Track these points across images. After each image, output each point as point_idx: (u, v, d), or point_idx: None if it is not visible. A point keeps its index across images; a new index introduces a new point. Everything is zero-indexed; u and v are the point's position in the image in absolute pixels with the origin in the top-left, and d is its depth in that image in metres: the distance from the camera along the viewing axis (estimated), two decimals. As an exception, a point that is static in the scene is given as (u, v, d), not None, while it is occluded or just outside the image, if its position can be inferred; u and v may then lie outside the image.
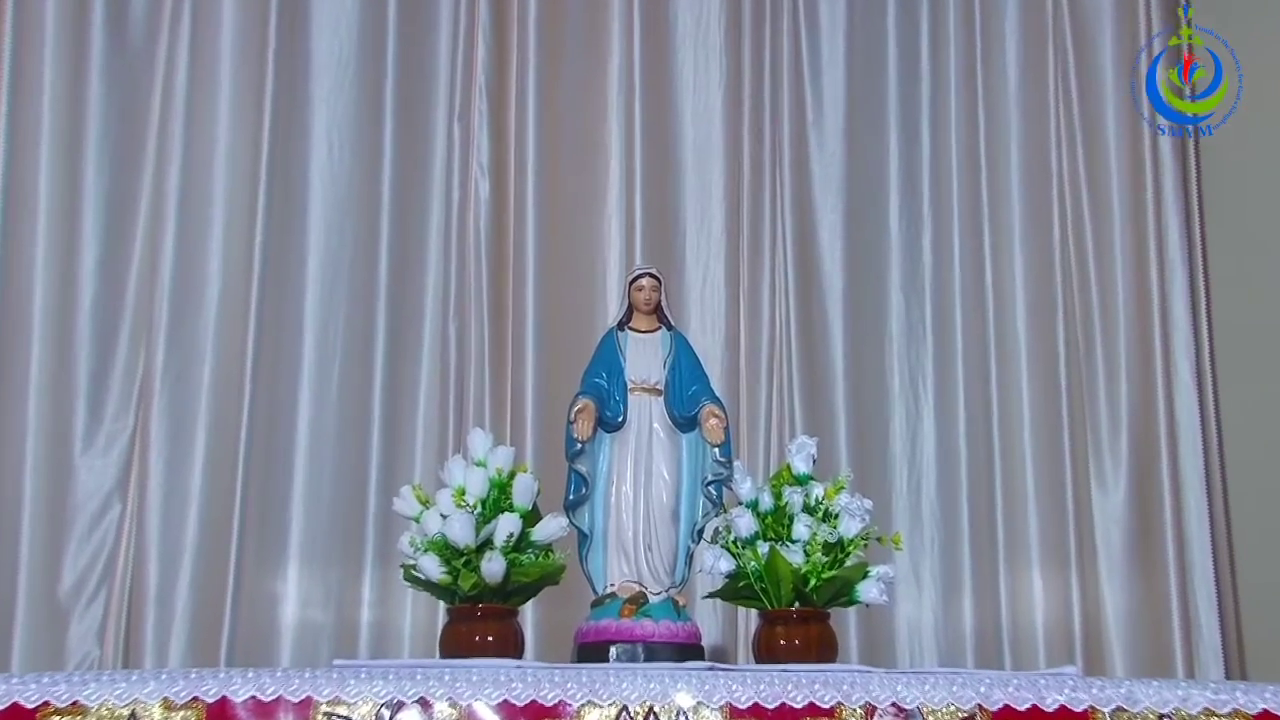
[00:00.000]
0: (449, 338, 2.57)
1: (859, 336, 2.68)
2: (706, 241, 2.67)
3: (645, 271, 1.96)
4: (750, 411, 2.60)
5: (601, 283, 2.69)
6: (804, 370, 2.63)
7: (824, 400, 2.63)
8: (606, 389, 1.87)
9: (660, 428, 1.88)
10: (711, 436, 1.86)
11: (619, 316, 1.95)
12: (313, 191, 2.60)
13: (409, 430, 2.57)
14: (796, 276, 2.66)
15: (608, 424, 1.87)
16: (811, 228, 2.70)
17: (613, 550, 1.84)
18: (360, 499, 2.50)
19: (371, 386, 2.54)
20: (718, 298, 2.65)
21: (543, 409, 2.52)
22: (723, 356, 2.61)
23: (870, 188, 2.74)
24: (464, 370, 2.55)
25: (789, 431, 2.55)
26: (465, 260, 2.60)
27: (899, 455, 2.64)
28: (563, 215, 2.69)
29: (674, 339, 1.94)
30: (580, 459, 1.84)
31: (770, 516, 1.84)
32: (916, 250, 2.72)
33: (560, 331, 2.61)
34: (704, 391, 1.90)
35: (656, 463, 1.87)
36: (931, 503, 2.64)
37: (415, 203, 2.67)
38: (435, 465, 2.24)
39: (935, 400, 2.65)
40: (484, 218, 2.62)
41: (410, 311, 2.61)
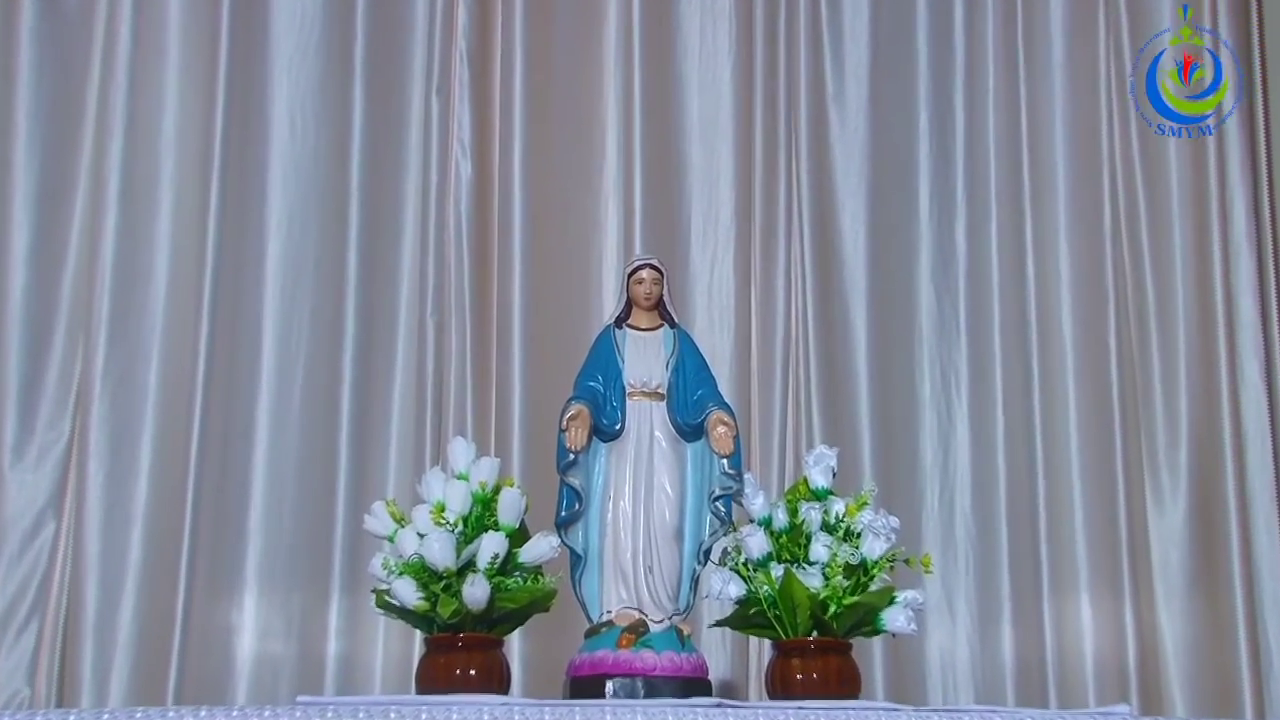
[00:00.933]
0: (426, 337, 2.59)
1: (885, 335, 2.70)
2: (714, 228, 2.71)
3: (645, 262, 1.97)
4: (763, 418, 2.62)
5: (597, 275, 2.70)
6: (823, 373, 2.66)
7: (845, 406, 2.66)
8: (602, 393, 1.89)
9: (662, 436, 1.90)
10: (719, 446, 1.87)
11: (616, 312, 1.97)
12: (272, 173, 2.61)
13: (381, 440, 2.59)
14: (815, 268, 2.69)
15: (604, 432, 1.88)
16: (832, 213, 2.72)
17: (609, 573, 1.86)
18: (326, 516, 2.53)
19: (339, 391, 2.57)
20: (727, 291, 2.68)
21: (531, 416, 2.54)
22: (732, 357, 2.65)
23: (898, 168, 2.75)
24: (443, 373, 2.58)
25: (806, 441, 2.58)
26: (444, 250, 2.62)
27: (929, 468, 2.65)
28: (554, 199, 2.72)
29: (678, 337, 1.96)
30: (573, 471, 1.85)
31: (785, 536, 1.86)
32: (949, 239, 2.74)
33: (551, 329, 2.64)
34: (711, 396, 1.91)
35: (658, 475, 1.89)
36: (966, 521, 2.66)
37: (388, 186, 2.69)
38: (411, 478, 2.27)
39: (970, 406, 2.68)
40: (465, 202, 2.64)
41: (383, 308, 2.63)
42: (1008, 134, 2.73)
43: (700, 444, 1.91)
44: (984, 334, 2.71)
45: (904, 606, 1.84)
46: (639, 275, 1.95)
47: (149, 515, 2.45)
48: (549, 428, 1.92)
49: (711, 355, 2.52)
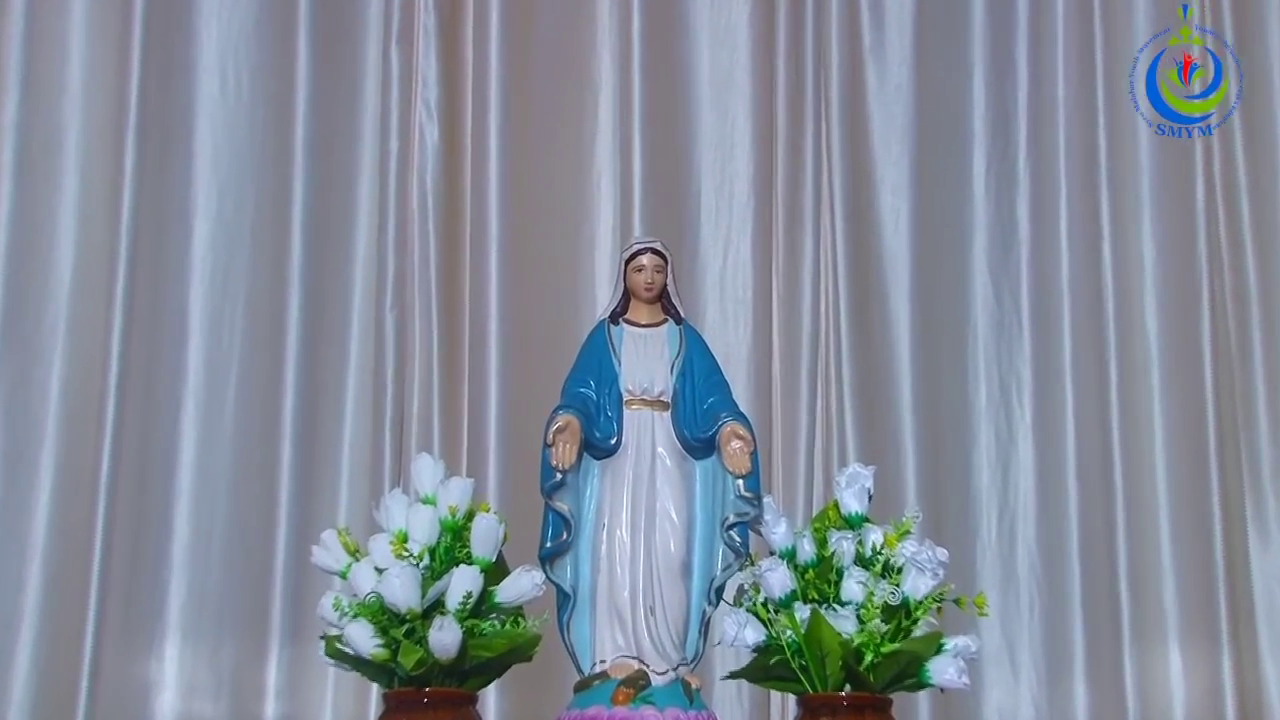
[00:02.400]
0: (385, 334, 2.64)
1: (932, 333, 2.75)
2: (728, 206, 2.76)
3: (646, 246, 1.99)
4: (787, 431, 2.68)
5: (588, 261, 2.75)
6: (858, 378, 2.70)
7: (884, 418, 2.70)
8: (595, 401, 1.91)
9: (666, 453, 1.92)
10: (734, 464, 1.89)
11: (612, 306, 1.99)
12: (199, 139, 2.66)
13: (331, 457, 2.64)
14: (848, 253, 2.73)
15: (597, 448, 1.90)
16: (869, 188, 2.77)
17: (604, 615, 1.87)
18: (265, 549, 2.57)
19: (280, 400, 2.62)
20: (743, 281, 2.74)
21: (510, 428, 2.59)
22: (749, 358, 2.70)
23: (948, 134, 2.80)
24: (405, 378, 2.63)
25: (838, 458, 2.62)
26: (406, 231, 2.67)
27: (985, 490, 2.71)
28: (537, 171, 2.75)
29: (684, 335, 1.97)
30: (560, 494, 1.86)
31: (812, 571, 1.88)
32: (1009, 218, 2.79)
33: (534, 325, 2.68)
34: (724, 405, 1.93)
35: (661, 499, 1.90)
36: (1030, 554, 2.69)
37: (339, 154, 2.73)
38: (367, 503, 2.27)
39: (1035, 418, 2.72)
40: (431, 174, 2.69)
41: (333, 300, 2.68)
42: (1080, 93, 2.77)
43: (711, 462, 1.93)
44: (1051, 331, 2.75)
45: (954, 656, 1.85)
46: (638, 261, 1.97)
47: (49, 550, 2.49)
48: (532, 442, 1.93)
49: (725, 356, 2.53)
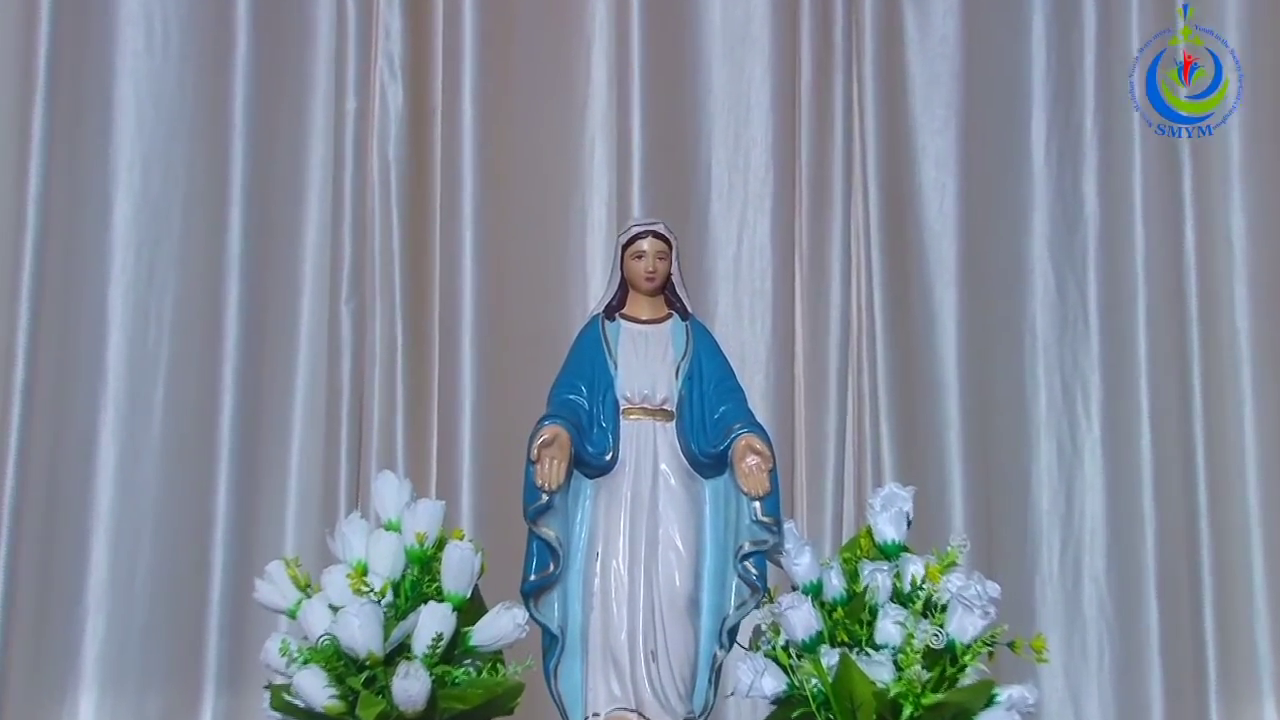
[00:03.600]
0: (340, 332, 2.66)
1: (982, 331, 2.76)
2: (743, 180, 2.78)
3: (647, 228, 1.99)
4: (812, 444, 2.70)
5: (578, 245, 2.78)
6: (896, 383, 2.71)
7: (926, 429, 2.71)
8: (587, 410, 1.92)
9: (671, 470, 1.93)
10: (750, 484, 1.89)
11: (607, 298, 2.00)
12: (120, 98, 2.69)
13: (277, 476, 2.68)
14: (884, 236, 2.74)
15: (589, 464, 1.91)
16: (908, 158, 2.79)
17: (597, 661, 1.87)
18: (198, 584, 2.59)
19: (217, 407, 2.64)
20: (761, 268, 2.76)
21: (488, 441, 2.60)
22: (768, 360, 2.72)
23: (1002, 95, 2.82)
24: (364, 383, 2.65)
25: (872, 477, 2.64)
26: (365, 210, 2.69)
27: (1045, 515, 2.73)
28: (519, 139, 2.76)
29: (691, 333, 1.99)
30: (546, 519, 1.87)
31: (842, 609, 1.88)
32: (1074, 194, 2.81)
33: (515, 322, 2.70)
34: (738, 414, 1.93)
35: (665, 524, 1.90)
36: (1099, 590, 2.71)
37: (285, 118, 2.75)
38: (319, 529, 2.28)
39: (1104, 430, 2.74)
40: (395, 143, 2.71)
41: (279, 292, 2.72)
42: (1157, 48, 2.81)
43: (723, 481, 1.94)
44: (1124, 328, 2.76)
45: (1008, 709, 1.86)
46: (638, 246, 1.98)
47: (-55, 587, 2.54)
48: (513, 458, 1.94)
49: (739, 357, 2.57)
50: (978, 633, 1.87)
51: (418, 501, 1.92)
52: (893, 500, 1.97)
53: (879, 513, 1.97)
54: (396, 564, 1.88)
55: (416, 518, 1.90)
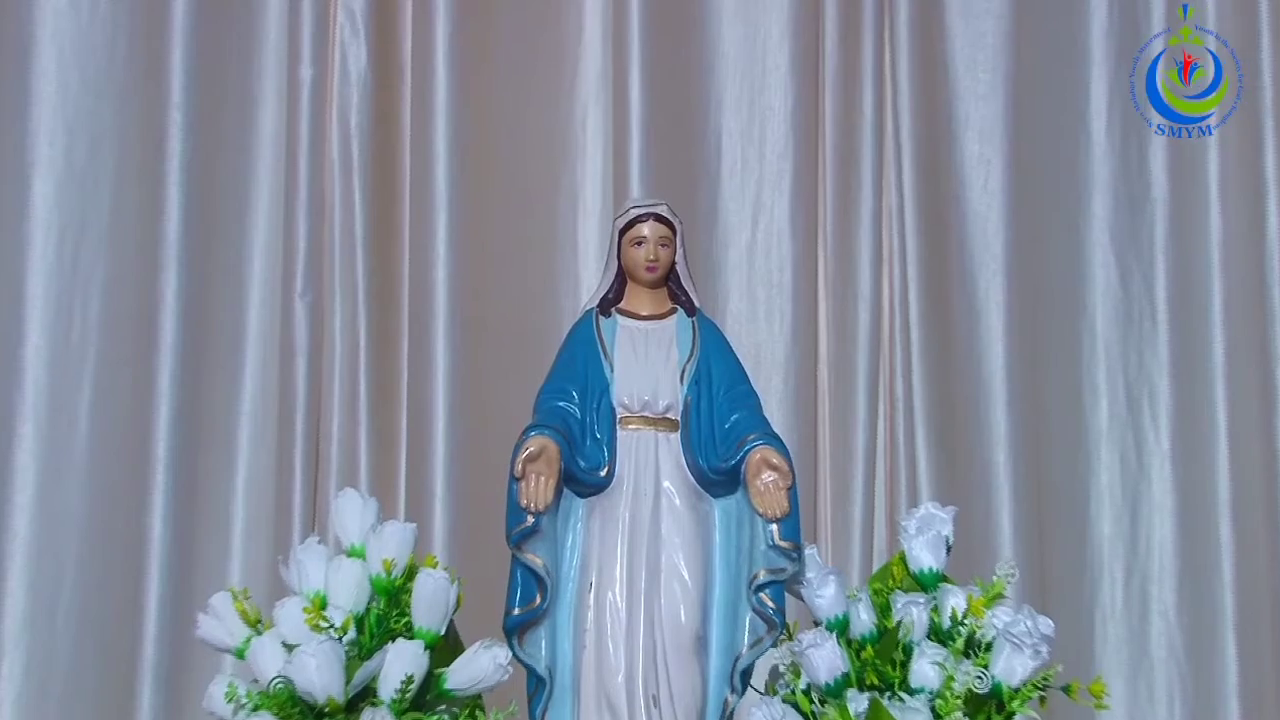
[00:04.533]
0: (295, 329, 2.66)
1: (1033, 327, 2.77)
2: (758, 154, 2.81)
3: (648, 210, 2.00)
4: (838, 458, 2.72)
5: (569, 229, 2.79)
6: (933, 387, 2.73)
7: (969, 440, 2.72)
8: (579, 419, 1.93)
9: (675, 488, 1.93)
10: (766, 504, 1.89)
11: (602, 291, 2.01)
12: (39, 61, 2.68)
13: (221, 495, 2.68)
14: (921, 218, 2.76)
15: (582, 481, 1.91)
16: (948, 129, 2.80)
17: (590, 706, 1.87)
18: (129, 619, 2.59)
19: (151, 418, 2.63)
20: (779, 257, 2.78)
21: (464, 454, 2.62)
22: (787, 362, 2.73)
23: (1055, 57, 2.83)
24: (321, 386, 2.66)
25: (906, 495, 2.66)
26: (322, 189, 2.70)
27: (1107, 540, 2.74)
28: (500, 107, 2.77)
29: (699, 330, 2.00)
30: (532, 544, 1.86)
31: (871, 647, 1.89)
32: (1140, 171, 2.81)
33: (496, 318, 2.70)
34: (753, 423, 1.94)
35: (668, 550, 1.90)
36: (1168, 626, 2.71)
37: (230, 85, 2.75)
38: (271, 556, 2.37)
39: (1175, 442, 2.75)
40: (358, 113, 2.73)
41: (223, 281, 2.72)
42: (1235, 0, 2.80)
43: (735, 501, 1.94)
44: (1197, 325, 2.77)
45: None
46: (637, 231, 1.99)
47: None
48: (494, 474, 1.94)
49: (754, 358, 2.58)
50: (1028, 675, 1.87)
51: (384, 524, 1.92)
52: (930, 523, 1.97)
53: (914, 537, 1.97)
54: (360, 596, 1.87)
55: (383, 542, 1.89)
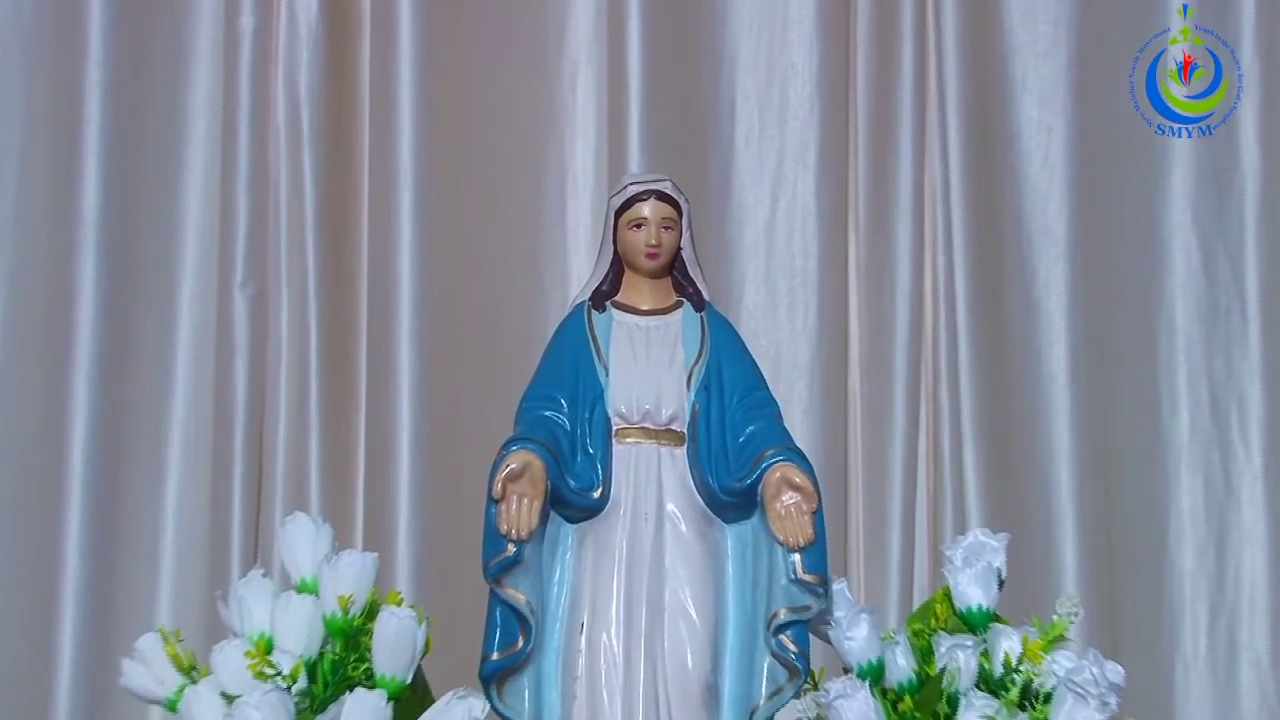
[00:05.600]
0: (234, 326, 2.69)
1: (1101, 323, 2.80)
2: (779, 120, 2.83)
3: (649, 187, 2.01)
4: (872, 477, 2.73)
5: (557, 209, 2.81)
6: (984, 393, 2.74)
7: (1025, 456, 2.74)
8: (568, 431, 1.94)
9: (681, 512, 1.94)
10: (787, 530, 1.89)
11: (596, 281, 2.02)
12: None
13: (148, 519, 2.70)
14: (970, 196, 2.78)
15: (571, 504, 1.92)
16: (1003, 91, 2.83)
17: None
18: (39, 669, 2.61)
19: (64, 430, 2.65)
20: (803, 240, 2.81)
21: (433, 473, 2.64)
22: (814, 364, 2.76)
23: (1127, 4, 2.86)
24: (264, 392, 2.68)
25: (951, 520, 2.67)
26: (266, 162, 2.73)
27: (1188, 575, 2.76)
28: (476, 65, 2.78)
29: (708, 328, 2.01)
30: (514, 577, 1.87)
31: (910, 697, 1.90)
32: (1228, 140, 2.85)
33: (470, 312, 2.72)
34: (771, 436, 1.95)
35: (673, 584, 1.91)
36: (1260, 675, 2.74)
37: (158, 41, 2.76)
38: (206, 591, 2.39)
39: (1269, 459, 2.78)
40: (308, 70, 2.75)
41: (149, 270, 2.74)
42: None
43: (751, 526, 1.95)
44: (1299, 325, 2.77)
45: None
46: (637, 212, 2.00)
47: None
48: (470, 495, 1.98)
49: (773, 360, 2.59)
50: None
51: (340, 554, 1.92)
52: (979, 552, 1.99)
53: (961, 569, 1.98)
54: (312, 638, 1.88)
55: (339, 575, 1.90)
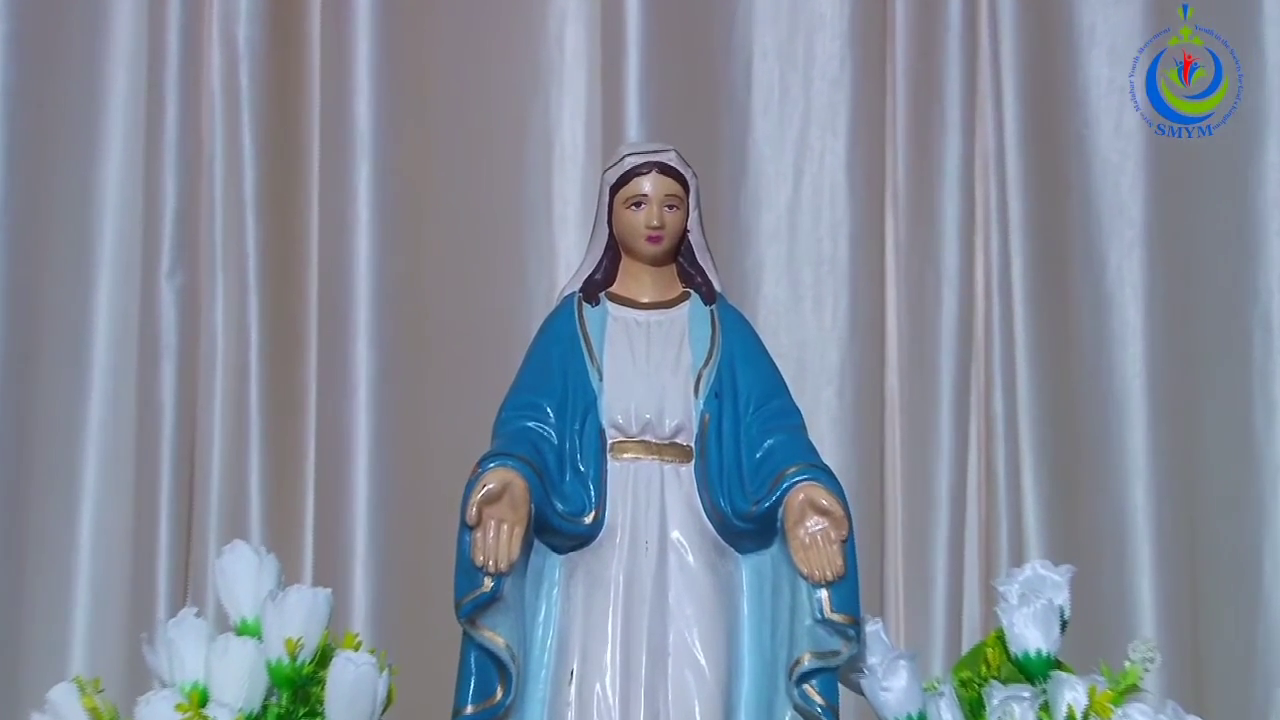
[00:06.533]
0: (159, 322, 2.73)
1: (1184, 320, 2.83)
2: (803, 78, 2.85)
3: (650, 159, 2.01)
4: (913, 500, 2.77)
5: (542, 185, 2.84)
6: (1045, 400, 2.78)
7: (1096, 473, 2.77)
8: (555, 445, 1.95)
9: (688, 541, 1.94)
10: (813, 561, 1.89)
11: (588, 269, 2.03)
12: None
13: (59, 547, 2.73)
14: (1029, 168, 2.81)
15: (560, 531, 1.92)
16: (1068, 41, 2.85)
17: None
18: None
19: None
20: (832, 222, 2.83)
21: (394, 494, 2.67)
22: (844, 367, 2.79)
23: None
24: (196, 399, 2.72)
25: (1007, 549, 2.71)
26: (199, 133, 2.76)
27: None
28: (446, 16, 2.79)
29: (719, 324, 2.03)
30: (491, 618, 1.87)
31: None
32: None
33: (438, 305, 2.73)
34: (794, 451, 1.95)
35: (678, 626, 1.91)
36: None
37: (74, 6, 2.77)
38: (129, 632, 2.39)
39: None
40: (247, 22, 2.78)
41: (60, 260, 2.77)
42: None
43: (770, 556, 1.95)
44: None
45: None
46: (636, 188, 2.01)
47: None
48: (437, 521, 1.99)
49: (797, 362, 2.60)
50: (1176, 802, 1.87)
51: (288, 590, 1.94)
52: (1039, 588, 2.00)
53: (1017, 608, 1.98)
54: (254, 688, 1.89)
55: (285, 615, 1.92)
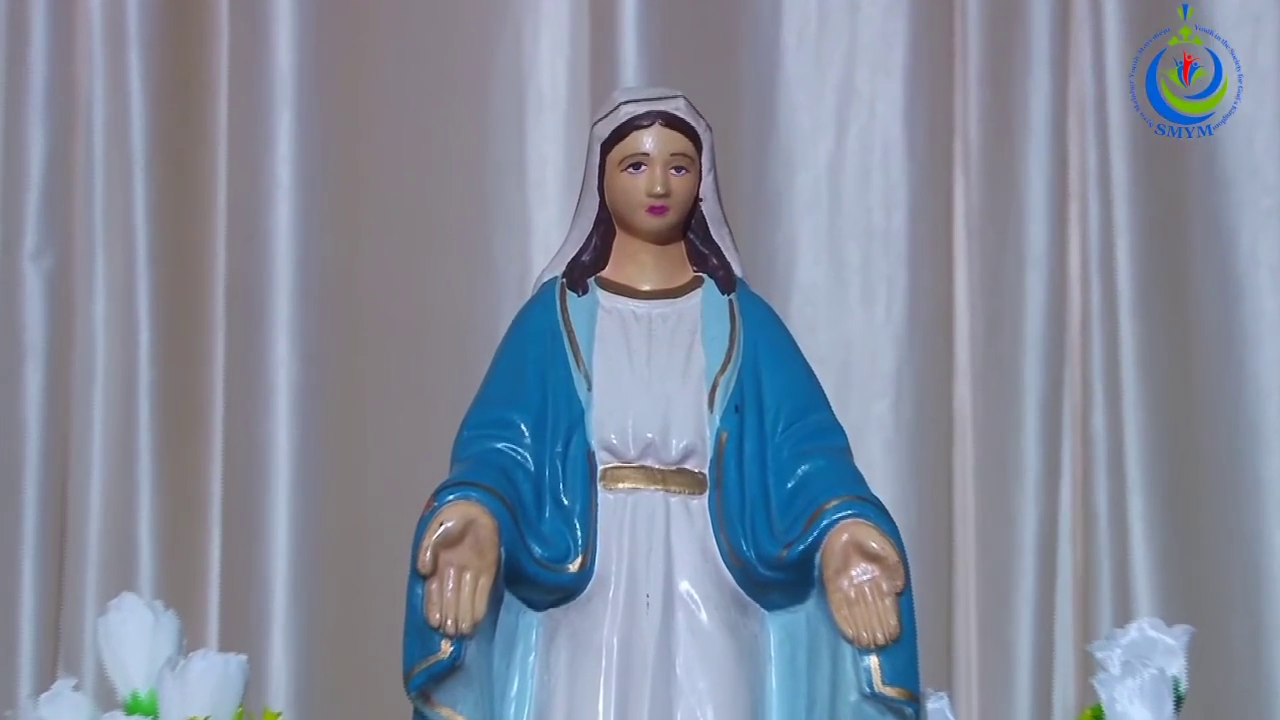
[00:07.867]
0: (23, 313, 2.86)
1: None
2: (846, 5, 2.88)
3: (652, 107, 2.05)
4: (989, 542, 2.83)
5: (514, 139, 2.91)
6: (1158, 416, 2.85)
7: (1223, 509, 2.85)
8: (531, 471, 1.98)
9: (699, 593, 1.97)
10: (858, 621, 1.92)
11: (574, 248, 2.08)
12: None
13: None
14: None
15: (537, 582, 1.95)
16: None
17: None
18: None
19: None
20: (884, 186, 2.89)
21: (324, 534, 2.72)
22: (900, 372, 2.84)
23: None
24: (70, 412, 2.80)
25: (1111, 604, 2.74)
26: (73, 76, 2.84)
27: None
28: None
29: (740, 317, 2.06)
30: (449, 691, 1.90)
31: None
32: None
33: (382, 294, 2.76)
34: (835, 478, 1.98)
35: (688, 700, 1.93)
36: None
37: None
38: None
39: None
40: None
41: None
42: None
43: (805, 614, 1.98)
44: None
45: None
46: (635, 143, 2.04)
47: None
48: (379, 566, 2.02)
49: (839, 365, 2.62)
50: None
51: (191, 655, 1.98)
52: (1148, 654, 2.03)
53: (1119, 679, 2.01)
54: (148, 773, 1.87)
55: (188, 688, 1.96)
